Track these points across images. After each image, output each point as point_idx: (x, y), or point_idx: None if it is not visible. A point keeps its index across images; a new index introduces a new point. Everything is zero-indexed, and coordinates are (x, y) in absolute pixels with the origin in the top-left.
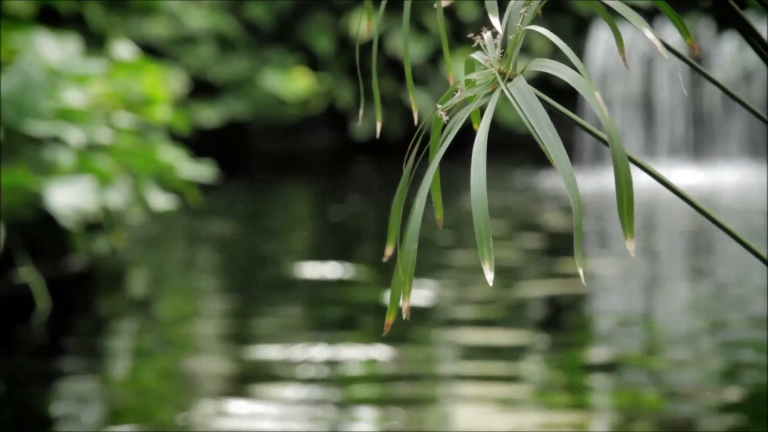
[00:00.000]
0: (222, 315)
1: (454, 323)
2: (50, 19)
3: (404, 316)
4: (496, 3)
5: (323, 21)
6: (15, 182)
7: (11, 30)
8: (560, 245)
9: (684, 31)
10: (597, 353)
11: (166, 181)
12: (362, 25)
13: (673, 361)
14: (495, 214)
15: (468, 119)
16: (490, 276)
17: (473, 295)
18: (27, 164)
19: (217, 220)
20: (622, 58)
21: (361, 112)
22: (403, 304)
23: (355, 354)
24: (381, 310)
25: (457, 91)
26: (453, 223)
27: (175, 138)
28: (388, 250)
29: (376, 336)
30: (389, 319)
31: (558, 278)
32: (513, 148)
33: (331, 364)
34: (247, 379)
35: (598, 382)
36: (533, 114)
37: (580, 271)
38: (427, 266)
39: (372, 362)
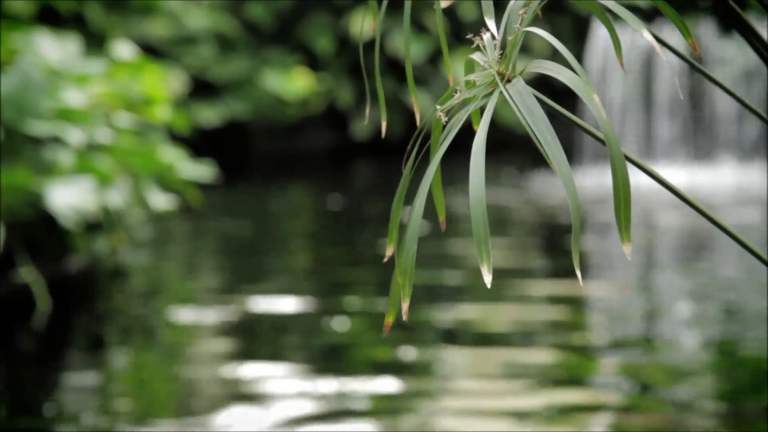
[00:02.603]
0: (222, 315)
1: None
2: (50, 19)
3: (404, 318)
4: (492, 4)
5: (323, 21)
6: (15, 182)
7: (11, 30)
8: (559, 246)
9: (685, 31)
10: (598, 366)
11: (166, 181)
12: (365, 24)
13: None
14: (493, 216)
15: (467, 120)
16: (488, 278)
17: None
18: (27, 164)
19: (217, 220)
20: (620, 62)
21: (367, 111)
22: (403, 306)
23: (356, 363)
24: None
25: (456, 92)
26: (449, 223)
27: (175, 138)
28: (389, 251)
29: (378, 345)
30: (388, 320)
31: (558, 279)
32: (512, 147)
33: (331, 367)
34: (247, 381)
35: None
36: (532, 115)
37: (578, 273)
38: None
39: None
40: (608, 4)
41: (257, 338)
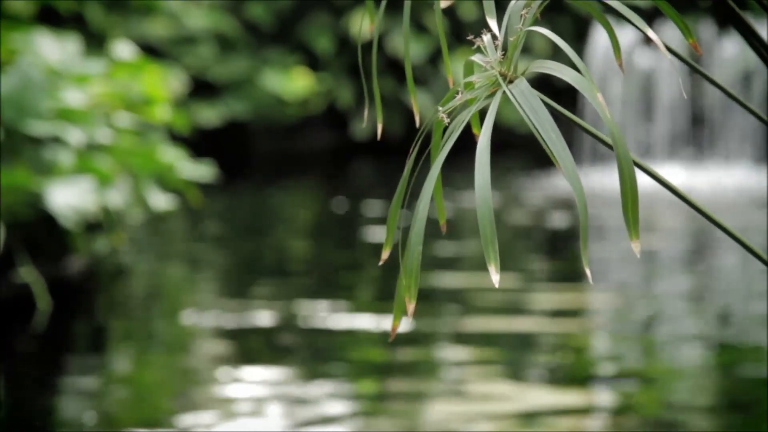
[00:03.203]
0: (222, 316)
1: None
2: (50, 19)
3: (408, 318)
4: (493, 5)
5: (323, 21)
6: (15, 182)
7: (11, 30)
8: (561, 247)
9: (686, 31)
10: (597, 373)
11: (166, 181)
12: (364, 25)
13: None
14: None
15: (468, 122)
16: (496, 278)
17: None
18: (27, 164)
19: (217, 220)
20: (619, 63)
21: (365, 113)
22: (408, 306)
23: (356, 357)
24: (385, 316)
25: (457, 93)
26: (453, 224)
27: (175, 138)
28: (385, 254)
29: (381, 343)
30: (395, 324)
31: (562, 289)
32: (513, 147)
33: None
34: (247, 380)
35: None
36: (536, 115)
37: (587, 271)
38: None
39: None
40: (611, 3)
41: (257, 340)
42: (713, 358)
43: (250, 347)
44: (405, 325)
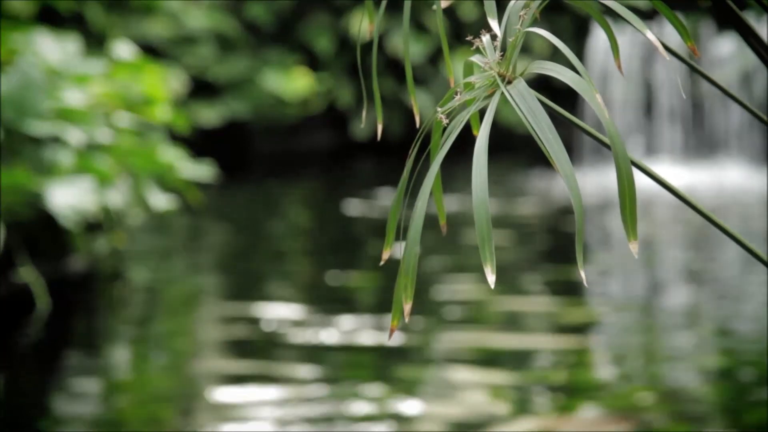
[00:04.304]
0: (222, 315)
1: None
2: (50, 19)
3: (405, 319)
4: (494, 5)
5: (323, 21)
6: (15, 182)
7: (11, 30)
8: (560, 249)
9: (684, 34)
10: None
11: (166, 181)
12: (364, 25)
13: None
14: (495, 217)
15: (467, 121)
16: (491, 278)
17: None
18: (27, 164)
19: (217, 220)
20: (617, 64)
21: (364, 114)
22: (405, 307)
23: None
24: (385, 314)
25: (456, 94)
26: (451, 224)
27: (175, 138)
28: (385, 254)
29: (380, 342)
30: (393, 324)
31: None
32: (513, 148)
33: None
34: (247, 380)
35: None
36: (534, 116)
37: (582, 274)
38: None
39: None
40: (610, 3)
41: (258, 341)
42: (713, 359)
43: (251, 349)
44: (407, 336)
